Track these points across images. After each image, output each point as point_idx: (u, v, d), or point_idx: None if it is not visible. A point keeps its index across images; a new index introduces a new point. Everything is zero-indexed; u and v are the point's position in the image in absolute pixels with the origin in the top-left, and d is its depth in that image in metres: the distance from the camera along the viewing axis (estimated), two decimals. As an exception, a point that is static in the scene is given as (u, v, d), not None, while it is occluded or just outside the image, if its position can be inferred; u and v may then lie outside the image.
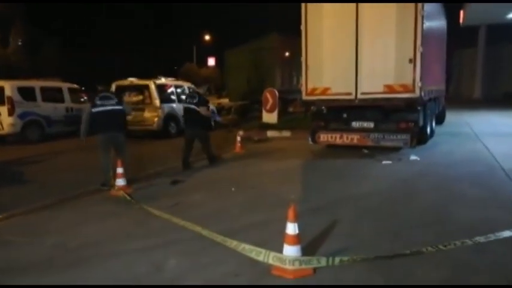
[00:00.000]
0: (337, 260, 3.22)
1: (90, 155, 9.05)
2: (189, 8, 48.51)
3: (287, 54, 23.11)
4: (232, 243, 3.66)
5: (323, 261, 3.21)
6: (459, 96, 28.12)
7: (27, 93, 11.62)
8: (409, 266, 3.24)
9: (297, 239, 3.22)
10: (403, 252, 3.39)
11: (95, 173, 6.84)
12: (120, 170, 5.96)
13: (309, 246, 3.56)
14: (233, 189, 5.89)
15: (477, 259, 3.33)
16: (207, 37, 41.81)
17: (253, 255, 3.41)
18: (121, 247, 3.78)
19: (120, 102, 6.76)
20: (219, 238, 3.81)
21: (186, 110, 8.20)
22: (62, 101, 12.68)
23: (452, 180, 6.02)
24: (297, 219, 3.23)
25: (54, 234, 4.22)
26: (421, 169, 6.84)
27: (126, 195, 5.53)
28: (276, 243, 3.43)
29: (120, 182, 5.91)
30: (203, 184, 6.28)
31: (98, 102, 6.53)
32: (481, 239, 3.59)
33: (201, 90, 8.70)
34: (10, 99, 11.11)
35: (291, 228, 3.23)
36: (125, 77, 12.99)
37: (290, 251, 3.22)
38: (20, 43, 33.85)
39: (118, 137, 6.60)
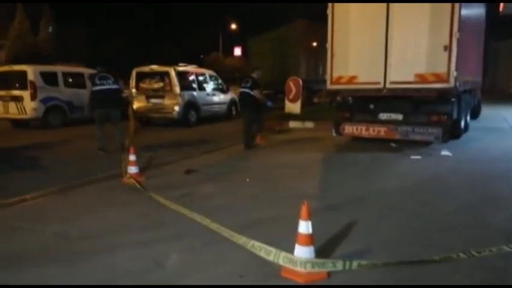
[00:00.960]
0: (355, 264, 2.88)
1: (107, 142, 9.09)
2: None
3: (314, 43, 22.55)
4: (241, 240, 3.38)
5: (339, 265, 2.88)
6: (495, 90, 26.75)
7: (49, 78, 11.70)
8: (437, 274, 2.87)
9: (310, 239, 2.91)
10: (431, 258, 3.01)
11: (110, 160, 6.77)
12: (132, 158, 5.79)
13: (323, 248, 3.25)
14: (248, 180, 5.63)
15: (517, 270, 2.93)
16: (233, 26, 41.48)
17: (262, 253, 3.12)
18: (124, 239, 3.58)
19: (116, 82, 7.62)
20: (227, 233, 3.55)
21: (240, 94, 8.57)
22: (84, 86, 12.66)
23: (488, 179, 5.52)
24: (310, 217, 2.92)
25: (58, 222, 4.07)
26: (453, 166, 6.35)
27: (136, 183, 5.35)
28: (288, 242, 3.13)
29: (132, 169, 5.74)
30: (218, 175, 6.04)
31: (97, 81, 7.54)
32: (521, 246, 3.16)
33: (254, 75, 8.63)
34: (33, 83, 11.21)
35: (304, 227, 2.92)
36: (150, 64, 12.88)
37: (302, 252, 2.91)
38: (50, 30, 34.63)
39: (113, 113, 7.57)
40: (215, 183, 5.52)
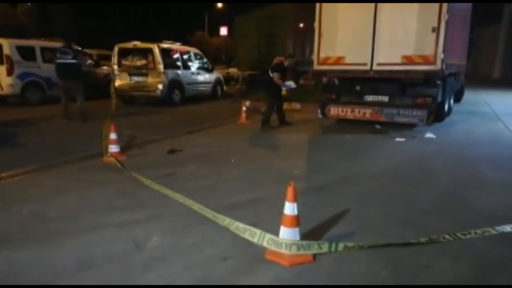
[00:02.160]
0: (341, 246, 2.82)
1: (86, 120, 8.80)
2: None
3: (301, 24, 22.21)
4: (225, 221, 3.27)
5: (325, 247, 2.81)
6: (477, 75, 27.03)
7: (27, 53, 11.13)
8: (423, 257, 2.82)
9: (295, 221, 2.81)
10: (416, 241, 2.97)
11: (88, 139, 6.53)
12: (113, 136, 5.58)
13: (309, 230, 3.16)
14: (232, 160, 5.50)
15: (502, 252, 2.90)
16: (219, 4, 40.50)
17: (246, 235, 3.02)
18: (102, 220, 3.42)
19: (75, 57, 8.56)
20: (210, 214, 3.43)
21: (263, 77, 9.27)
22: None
23: (472, 161, 5.53)
24: (296, 198, 2.81)
25: (33, 202, 3.87)
26: (437, 148, 6.34)
27: (117, 162, 5.16)
28: (273, 224, 3.03)
29: (113, 148, 5.54)
30: (201, 155, 5.87)
31: (58, 55, 8.60)
32: (506, 228, 3.15)
33: (286, 62, 8.62)
34: (9, 58, 10.67)
35: (290, 209, 2.81)
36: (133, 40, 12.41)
37: (287, 234, 2.81)
38: (29, 4, 33.10)
39: (72, 85, 8.54)
40: (198, 163, 5.36)
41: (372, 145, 6.69)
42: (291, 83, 8.53)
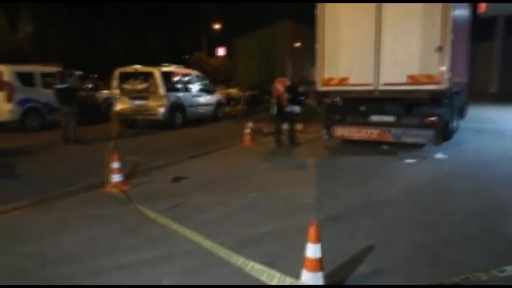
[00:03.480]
0: (368, 290, 2.56)
1: (87, 147, 8.57)
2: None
3: (298, 44, 22.30)
4: (239, 261, 3.02)
5: (352, 292, 2.55)
6: (473, 90, 27.02)
7: (26, 79, 10.96)
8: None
9: (318, 264, 2.56)
10: (451, 281, 2.70)
11: (90, 167, 6.28)
12: (116, 165, 5.32)
13: (330, 269, 2.89)
14: (250, 195, 5.24)
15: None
16: (216, 26, 40.87)
17: (264, 278, 2.77)
18: (106, 262, 3.15)
19: (63, 81, 8.92)
20: (223, 252, 3.17)
21: None
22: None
23: (490, 183, 5.29)
24: (319, 239, 2.56)
25: (31, 241, 3.60)
26: (451, 169, 6.11)
27: (121, 193, 4.91)
28: (290, 262, 2.79)
29: (116, 177, 5.29)
30: (207, 182, 5.62)
31: (55, 81, 9.21)
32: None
33: (301, 89, 9.02)
34: (9, 84, 10.50)
35: (312, 251, 2.56)
36: (133, 64, 12.31)
37: (310, 278, 2.56)
38: (30, 29, 33.28)
39: (66, 109, 8.83)
40: (206, 192, 5.11)
41: (382, 168, 6.46)
42: (295, 108, 8.36)
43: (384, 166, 6.55)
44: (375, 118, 7.92)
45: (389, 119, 7.78)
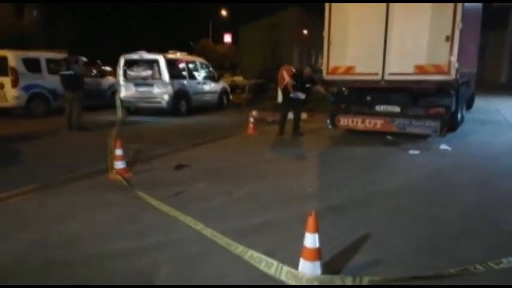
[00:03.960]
0: (365, 279, 2.56)
1: (91, 133, 8.63)
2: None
3: (305, 31, 22.07)
4: (238, 249, 3.04)
5: (348, 281, 2.56)
6: (483, 81, 26.68)
7: (32, 65, 11.04)
8: (457, 292, 2.55)
9: (317, 254, 2.57)
10: (447, 271, 2.70)
11: (93, 153, 6.33)
12: (119, 152, 5.36)
13: (328, 258, 2.90)
14: (252, 183, 5.26)
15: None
16: (223, 12, 40.54)
17: (262, 266, 2.79)
18: (105, 248, 3.18)
19: (69, 68, 9.07)
20: (223, 241, 3.20)
21: None
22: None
23: (496, 175, 5.24)
24: (318, 228, 2.57)
25: (34, 226, 3.65)
26: (456, 161, 6.06)
27: (123, 180, 4.94)
28: (290, 251, 2.80)
29: (119, 164, 5.32)
30: (209, 171, 5.65)
31: (61, 67, 9.54)
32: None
33: (305, 70, 8.62)
34: (14, 70, 10.56)
35: (311, 240, 2.57)
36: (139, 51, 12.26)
37: (308, 267, 2.58)
38: (35, 13, 33.22)
39: (71, 95, 8.97)
40: (208, 180, 5.13)
41: (385, 158, 6.43)
42: (299, 94, 8.31)
43: (388, 157, 6.51)
44: (380, 108, 7.90)
45: (395, 109, 7.75)
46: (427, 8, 6.85)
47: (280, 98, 13.28)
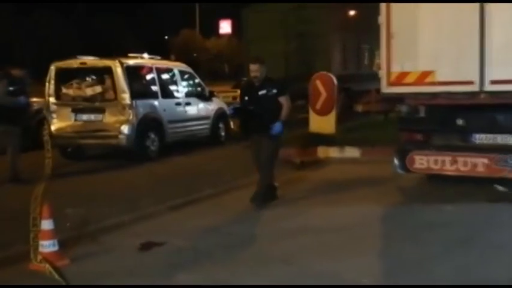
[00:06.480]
0: None
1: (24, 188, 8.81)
2: None
3: (353, 12, 22.61)
4: None
5: None
6: None
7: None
8: None
9: None
10: None
11: (9, 226, 6.45)
12: (47, 225, 5.42)
13: None
14: (269, 273, 5.29)
15: None
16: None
17: None
18: None
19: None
20: None
21: None
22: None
23: None
24: None
25: None
26: None
27: (53, 272, 5.00)
28: None
29: (47, 245, 5.37)
30: (199, 252, 5.73)
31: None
32: None
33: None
34: None
35: None
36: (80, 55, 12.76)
37: None
38: None
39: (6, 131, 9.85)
40: (195, 269, 5.21)
41: (494, 225, 6.47)
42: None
43: (498, 223, 6.55)
44: (481, 138, 7.99)
45: (508, 139, 7.81)
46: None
47: (314, 125, 13.52)
